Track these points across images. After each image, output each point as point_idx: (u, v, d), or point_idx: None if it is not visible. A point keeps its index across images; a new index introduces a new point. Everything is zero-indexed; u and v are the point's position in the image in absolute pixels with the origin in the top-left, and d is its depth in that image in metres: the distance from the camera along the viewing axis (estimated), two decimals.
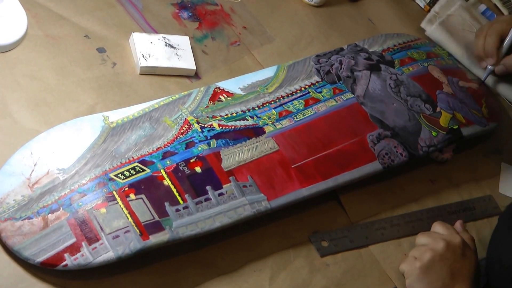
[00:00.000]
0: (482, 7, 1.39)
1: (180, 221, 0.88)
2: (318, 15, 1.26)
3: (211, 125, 0.98)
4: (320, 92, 1.07)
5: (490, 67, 1.23)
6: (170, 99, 1.00)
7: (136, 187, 0.89)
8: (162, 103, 0.99)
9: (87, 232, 0.84)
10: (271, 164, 0.96)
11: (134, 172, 0.90)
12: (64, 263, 0.82)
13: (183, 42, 1.09)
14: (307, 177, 0.97)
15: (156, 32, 1.10)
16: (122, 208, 0.87)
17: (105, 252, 0.83)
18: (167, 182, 0.90)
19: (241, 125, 0.99)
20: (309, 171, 0.98)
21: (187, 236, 0.88)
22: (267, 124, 1.01)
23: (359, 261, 0.98)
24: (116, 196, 0.87)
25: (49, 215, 0.84)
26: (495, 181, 1.16)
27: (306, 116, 1.04)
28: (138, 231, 0.86)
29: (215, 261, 0.91)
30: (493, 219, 1.10)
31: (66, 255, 0.82)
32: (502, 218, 1.03)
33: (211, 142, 0.96)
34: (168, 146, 0.94)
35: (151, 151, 0.93)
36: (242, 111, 1.01)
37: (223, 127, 0.98)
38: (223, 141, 0.96)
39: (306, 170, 0.98)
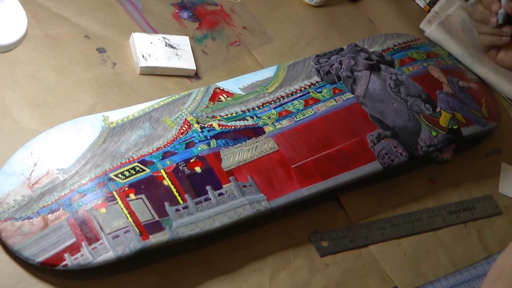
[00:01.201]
0: None
1: (180, 221, 0.88)
2: (318, 15, 1.26)
3: (211, 125, 0.98)
4: (320, 92, 1.07)
5: (501, 11, 1.19)
6: (170, 99, 1.00)
7: (136, 187, 0.89)
8: (162, 103, 0.99)
9: (87, 232, 0.84)
10: (271, 164, 0.96)
11: (134, 172, 0.90)
12: (64, 263, 0.82)
13: (183, 42, 1.09)
14: (307, 177, 0.97)
15: (156, 32, 1.10)
16: (122, 208, 0.87)
17: (105, 252, 0.83)
18: (167, 182, 0.90)
19: (241, 125, 0.99)
20: (309, 171, 0.98)
21: (187, 236, 0.88)
22: (267, 124, 1.00)
23: (359, 261, 0.98)
24: (116, 196, 0.87)
25: (49, 215, 0.84)
26: (495, 181, 1.16)
27: (306, 116, 1.03)
28: (138, 231, 0.86)
29: (215, 261, 0.91)
30: (493, 219, 1.10)
31: (66, 255, 0.82)
32: None
33: (211, 142, 0.96)
34: (168, 146, 0.94)
35: (151, 151, 0.93)
36: (242, 111, 1.01)
37: (223, 127, 0.98)
38: (223, 141, 0.96)
39: (306, 170, 0.98)
